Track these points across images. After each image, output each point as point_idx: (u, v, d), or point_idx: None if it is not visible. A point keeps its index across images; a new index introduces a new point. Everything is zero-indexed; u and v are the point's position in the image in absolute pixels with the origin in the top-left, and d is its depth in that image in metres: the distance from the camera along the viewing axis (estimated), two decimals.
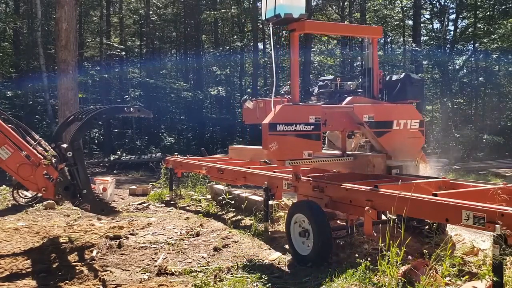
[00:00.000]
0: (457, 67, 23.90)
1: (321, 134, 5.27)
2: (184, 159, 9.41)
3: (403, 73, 5.90)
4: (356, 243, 5.37)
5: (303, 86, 5.96)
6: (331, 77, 6.18)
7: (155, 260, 5.14)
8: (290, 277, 4.53)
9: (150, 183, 11.38)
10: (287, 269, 4.77)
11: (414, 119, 5.69)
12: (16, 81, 21.49)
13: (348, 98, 5.64)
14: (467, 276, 3.66)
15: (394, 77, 5.90)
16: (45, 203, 8.34)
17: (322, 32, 8.98)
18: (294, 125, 5.03)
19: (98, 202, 5.61)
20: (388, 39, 28.91)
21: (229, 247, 5.65)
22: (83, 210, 6.06)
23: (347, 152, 5.92)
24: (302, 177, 5.49)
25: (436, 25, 25.93)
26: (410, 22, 25.11)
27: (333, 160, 5.77)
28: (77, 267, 4.95)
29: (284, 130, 4.99)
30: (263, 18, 5.36)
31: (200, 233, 6.31)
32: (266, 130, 4.94)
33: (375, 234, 4.75)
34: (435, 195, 4.04)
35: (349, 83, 6.01)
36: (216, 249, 5.50)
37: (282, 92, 6.34)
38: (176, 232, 6.44)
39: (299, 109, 5.19)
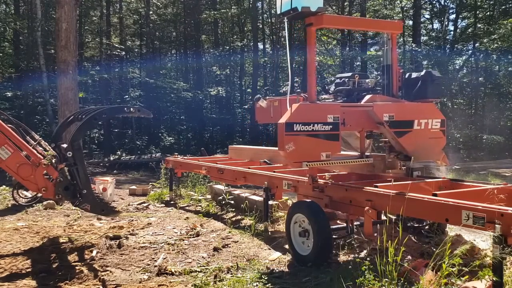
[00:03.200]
0: (457, 67, 23.91)
1: (340, 134, 5.08)
2: (184, 159, 9.41)
3: (424, 71, 5.65)
4: (356, 243, 5.37)
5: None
6: (348, 74, 5.91)
7: (155, 260, 5.14)
8: (290, 277, 4.53)
9: (150, 183, 11.38)
10: (287, 269, 4.77)
11: (435, 119, 5.47)
12: (16, 81, 21.49)
13: (367, 97, 5.42)
14: (467, 276, 3.65)
15: (414, 75, 5.67)
16: (45, 203, 8.34)
17: (340, 26, 8.62)
18: (311, 124, 4.82)
19: (98, 202, 5.61)
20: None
21: (229, 247, 5.65)
22: (83, 210, 6.06)
23: (366, 154, 5.73)
24: (319, 180, 5.24)
25: (436, 25, 25.97)
26: (410, 22, 25.12)
27: (351, 161, 5.56)
28: (77, 267, 4.95)
29: (301, 130, 4.78)
30: (278, 12, 5.14)
31: (200, 233, 6.31)
32: (282, 130, 4.73)
33: (375, 234, 4.75)
34: (435, 195, 4.04)
35: (367, 80, 5.77)
36: (216, 249, 5.50)
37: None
38: (176, 232, 6.44)
39: (316, 108, 4.98)
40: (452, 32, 24.98)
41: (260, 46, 27.71)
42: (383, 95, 5.61)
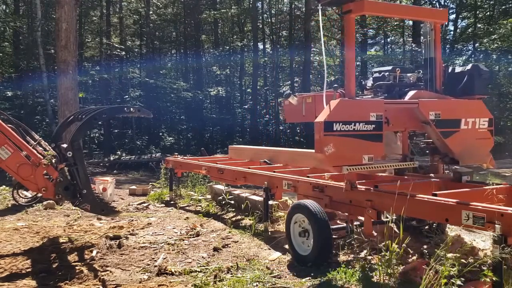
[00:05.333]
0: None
1: (384, 135, 4.62)
2: (184, 159, 9.41)
3: (470, 64, 5.16)
4: (356, 243, 5.37)
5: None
6: (389, 67, 5.41)
7: (155, 260, 5.14)
8: (290, 277, 4.53)
9: (150, 183, 11.38)
10: (287, 269, 4.77)
11: (483, 117, 5.00)
12: (16, 81, 21.50)
13: (412, 92, 4.96)
14: (467, 276, 3.65)
15: (458, 69, 5.22)
16: (45, 203, 8.34)
17: (382, 14, 8.06)
18: (353, 123, 4.39)
19: (98, 202, 5.61)
20: (388, 39, 28.95)
21: (229, 247, 5.65)
22: (83, 210, 6.06)
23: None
24: (358, 186, 4.73)
25: None
26: (410, 22, 25.12)
27: (395, 165, 5.10)
28: (77, 267, 4.94)
29: (341, 130, 4.35)
30: None
31: (200, 233, 6.31)
32: (321, 129, 4.32)
33: (375, 234, 4.75)
34: (435, 195, 4.04)
35: (409, 74, 5.33)
36: (216, 249, 5.50)
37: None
38: (176, 232, 6.44)
39: (358, 105, 4.55)
40: (452, 32, 25.01)
41: (260, 46, 27.74)
42: (427, 91, 5.15)
